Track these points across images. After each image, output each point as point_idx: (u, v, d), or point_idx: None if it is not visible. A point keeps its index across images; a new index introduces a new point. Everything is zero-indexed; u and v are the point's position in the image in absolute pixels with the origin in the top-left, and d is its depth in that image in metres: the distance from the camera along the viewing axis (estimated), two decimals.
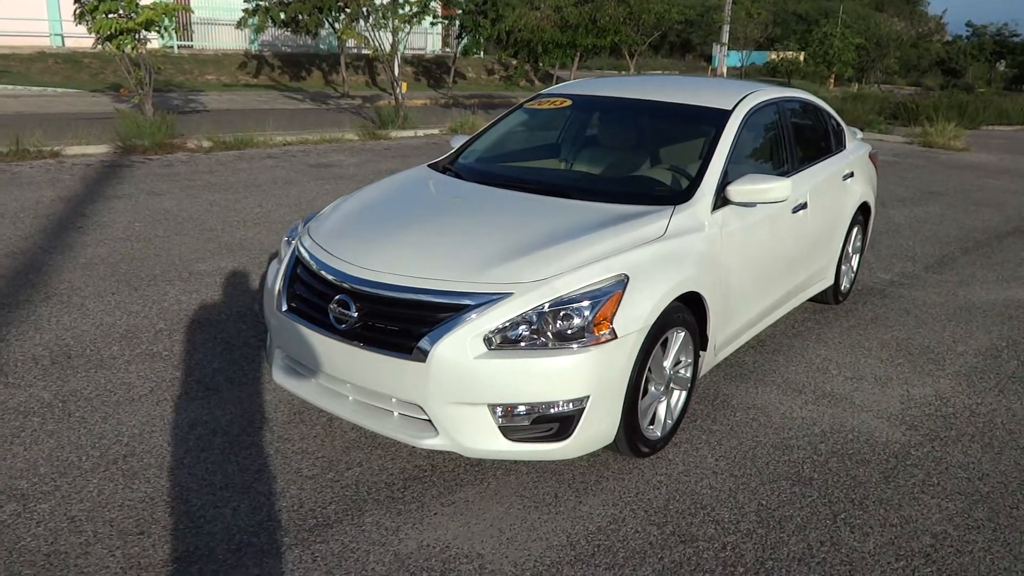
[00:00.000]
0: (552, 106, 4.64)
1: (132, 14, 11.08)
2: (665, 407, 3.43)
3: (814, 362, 4.58)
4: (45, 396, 3.66)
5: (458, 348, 2.82)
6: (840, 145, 5.40)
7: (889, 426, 3.83)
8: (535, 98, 4.80)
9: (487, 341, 2.85)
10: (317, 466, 3.20)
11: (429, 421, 2.95)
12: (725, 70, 37.55)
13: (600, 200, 3.62)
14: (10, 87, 18.69)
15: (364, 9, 14.70)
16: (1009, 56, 47.60)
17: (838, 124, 5.47)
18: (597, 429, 2.99)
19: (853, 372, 4.46)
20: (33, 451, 3.20)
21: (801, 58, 35.27)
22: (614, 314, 2.94)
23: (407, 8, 15.01)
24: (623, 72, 34.50)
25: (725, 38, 33.64)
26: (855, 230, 5.53)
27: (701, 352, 3.60)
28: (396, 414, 3.05)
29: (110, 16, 10.97)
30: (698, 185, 3.69)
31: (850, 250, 5.54)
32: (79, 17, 11.27)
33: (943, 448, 3.65)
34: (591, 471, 3.26)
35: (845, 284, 5.60)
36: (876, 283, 6.24)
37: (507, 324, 2.87)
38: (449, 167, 4.32)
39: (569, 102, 4.61)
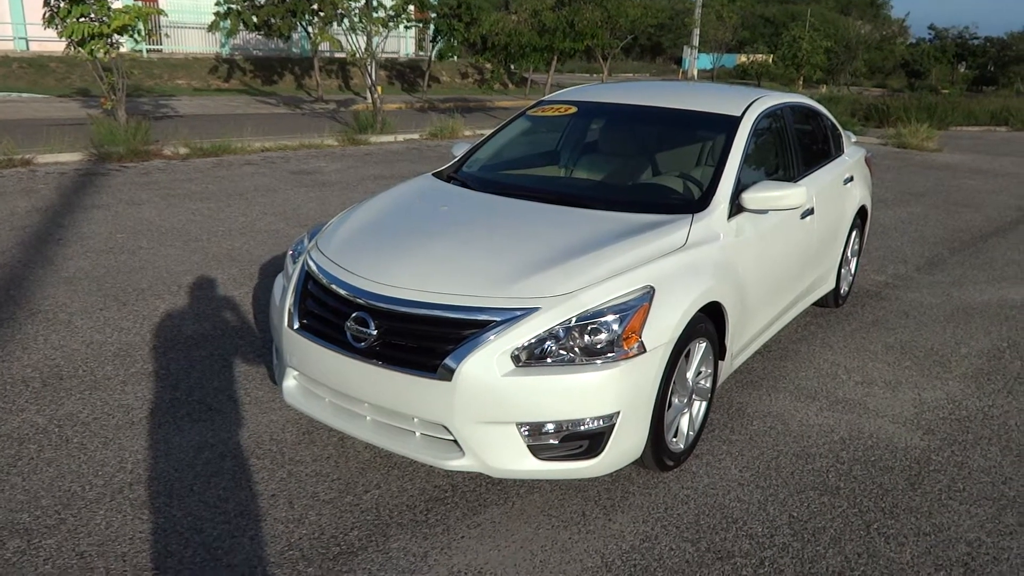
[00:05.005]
0: (556, 113, 4.56)
1: (104, 18, 10.80)
2: (687, 419, 3.36)
3: (823, 367, 4.54)
4: (39, 421, 3.50)
5: (486, 366, 2.72)
6: (839, 149, 5.39)
7: (907, 431, 3.80)
8: (537, 105, 4.71)
9: (515, 358, 2.75)
10: (334, 489, 3.08)
11: (454, 441, 2.85)
12: (696, 73, 37.83)
13: (616, 209, 3.54)
14: None
15: (338, 12, 14.53)
16: (970, 58, 48.50)
17: (836, 128, 5.46)
18: (627, 445, 2.91)
19: (862, 376, 4.43)
20: (32, 481, 3.04)
21: (770, 60, 35.62)
22: (643, 327, 2.87)
23: (381, 12, 14.85)
24: (595, 76, 34.60)
25: (695, 41, 33.87)
26: (854, 233, 5.52)
27: (720, 362, 3.54)
28: (418, 434, 2.94)
29: (82, 20, 10.68)
30: (714, 193, 3.63)
31: (848, 254, 5.53)
32: (49, 21, 10.94)
33: (963, 452, 3.62)
34: (616, 487, 3.17)
35: (844, 288, 5.59)
36: (871, 285, 6.24)
37: (534, 340, 2.78)
38: (454, 176, 4.22)
39: (574, 109, 4.52)
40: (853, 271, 5.81)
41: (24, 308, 4.83)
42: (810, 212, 4.44)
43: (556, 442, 2.82)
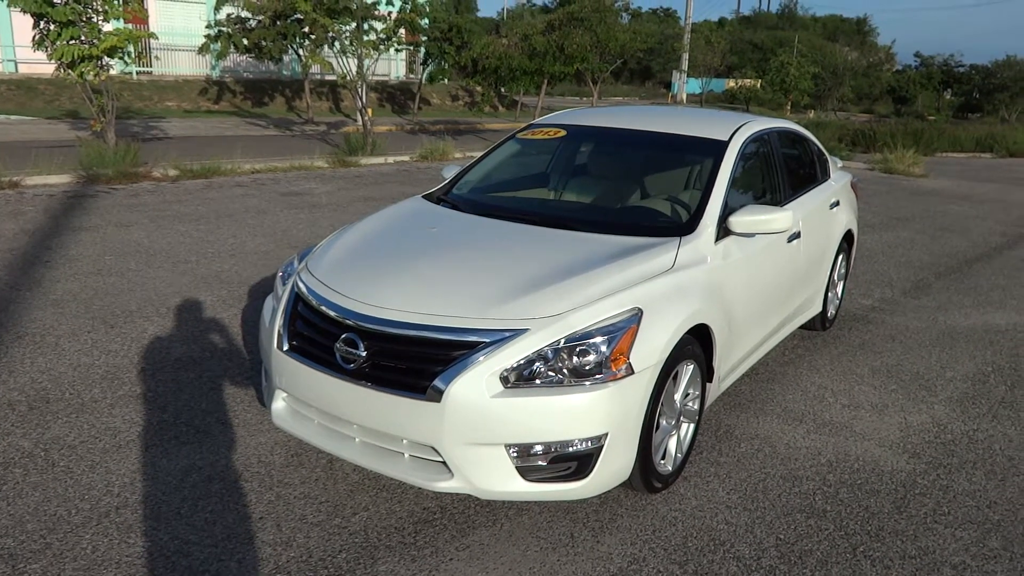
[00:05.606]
0: (546, 136, 4.60)
1: (95, 40, 10.83)
2: (675, 441, 3.37)
3: (809, 390, 4.57)
4: (25, 445, 3.47)
5: (475, 387, 2.73)
6: (825, 174, 5.46)
7: (893, 454, 3.82)
8: (527, 128, 4.76)
9: (503, 379, 2.77)
10: (322, 511, 3.07)
11: (443, 463, 2.85)
12: (685, 97, 38.22)
13: (605, 232, 3.58)
14: None
15: (329, 35, 14.63)
16: (956, 85, 49.08)
17: (822, 153, 5.54)
18: (615, 467, 2.92)
19: (849, 400, 4.46)
20: (18, 505, 3.01)
21: (759, 86, 36.06)
22: (631, 349, 2.89)
23: (372, 35, 14.97)
24: (585, 99, 34.90)
25: (684, 66, 34.25)
26: (840, 257, 5.58)
27: (707, 384, 3.57)
28: (407, 456, 2.95)
29: (72, 43, 10.70)
30: (701, 216, 3.67)
31: (835, 277, 5.58)
32: (38, 43, 10.95)
33: (948, 476, 3.64)
34: (604, 508, 3.18)
35: (831, 311, 5.64)
36: (858, 309, 6.30)
37: (523, 361, 2.79)
38: (444, 198, 4.25)
39: (563, 132, 4.57)
40: (840, 295, 5.87)
41: (11, 331, 4.81)
42: (797, 236, 4.49)
43: (545, 463, 2.83)
